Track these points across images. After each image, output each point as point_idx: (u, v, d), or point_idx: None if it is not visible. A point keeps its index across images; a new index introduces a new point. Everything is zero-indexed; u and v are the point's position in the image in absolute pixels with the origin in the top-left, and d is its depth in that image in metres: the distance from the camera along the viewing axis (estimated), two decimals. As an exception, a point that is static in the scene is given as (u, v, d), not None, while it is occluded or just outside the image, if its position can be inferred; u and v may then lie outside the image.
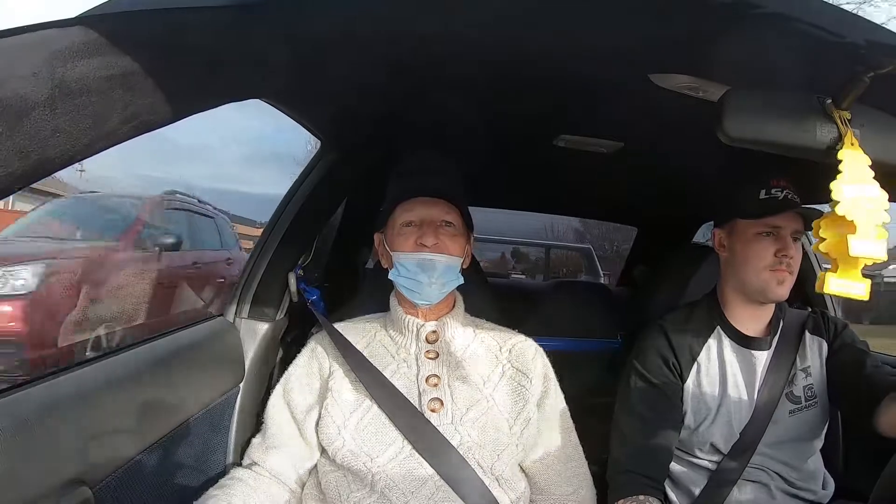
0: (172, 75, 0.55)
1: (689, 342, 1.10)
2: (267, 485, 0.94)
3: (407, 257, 0.94)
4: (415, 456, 0.89)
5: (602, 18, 0.66)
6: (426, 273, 0.94)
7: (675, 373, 1.09)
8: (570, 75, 0.89)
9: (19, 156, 0.42)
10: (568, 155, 1.30)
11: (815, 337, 1.12)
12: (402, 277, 0.95)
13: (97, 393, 0.72)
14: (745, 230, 1.05)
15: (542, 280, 5.59)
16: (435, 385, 0.94)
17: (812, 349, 1.11)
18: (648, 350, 1.11)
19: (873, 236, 0.57)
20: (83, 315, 3.55)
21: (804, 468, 1.07)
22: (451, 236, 0.97)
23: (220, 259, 5.47)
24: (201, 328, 1.09)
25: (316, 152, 1.25)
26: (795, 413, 1.07)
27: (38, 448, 0.60)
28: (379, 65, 0.88)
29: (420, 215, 0.96)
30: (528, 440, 0.96)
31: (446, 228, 0.97)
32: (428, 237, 0.93)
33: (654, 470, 1.02)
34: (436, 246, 0.94)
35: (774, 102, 0.64)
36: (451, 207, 0.97)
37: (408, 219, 0.96)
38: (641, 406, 1.07)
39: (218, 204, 6.12)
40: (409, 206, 0.96)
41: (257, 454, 0.97)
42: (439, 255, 0.94)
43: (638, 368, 1.10)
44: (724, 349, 1.09)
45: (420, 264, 0.94)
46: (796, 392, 1.07)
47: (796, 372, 1.08)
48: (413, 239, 0.95)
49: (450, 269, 0.96)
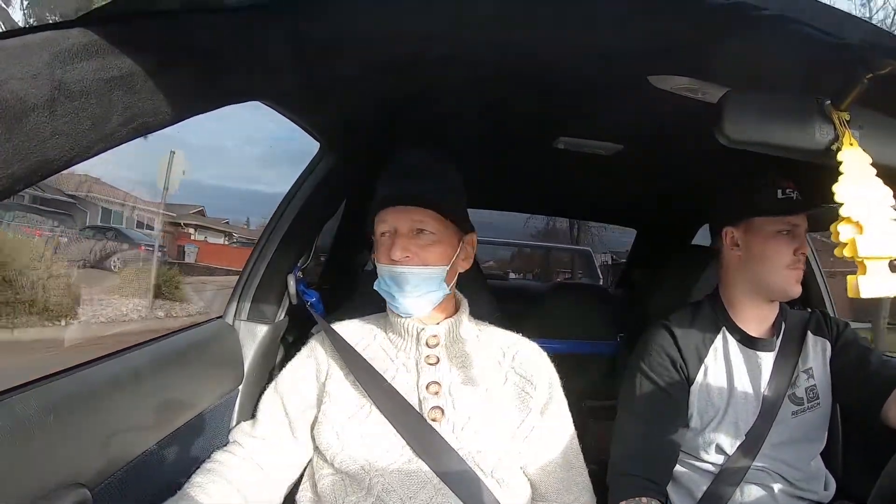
0: (172, 77, 0.55)
1: (695, 343, 1.10)
2: (248, 469, 0.93)
3: (382, 269, 0.93)
4: (415, 460, 0.88)
5: (601, 20, 0.66)
6: (399, 286, 0.91)
7: (682, 374, 1.08)
8: (570, 77, 0.90)
9: (19, 157, 0.42)
10: (567, 157, 1.30)
11: (818, 337, 1.12)
12: (382, 290, 0.94)
13: (96, 394, 0.72)
14: (764, 228, 1.06)
15: (541, 281, 5.60)
16: (436, 393, 0.92)
17: (815, 350, 1.11)
18: (654, 350, 1.10)
19: (881, 234, 0.56)
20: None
21: (807, 469, 1.07)
22: (426, 245, 0.92)
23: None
24: (200, 330, 1.08)
25: (315, 154, 1.25)
26: (798, 414, 1.07)
27: (36, 449, 0.60)
28: (378, 66, 0.88)
29: (391, 225, 0.93)
30: (531, 447, 0.95)
31: (421, 237, 0.92)
32: (395, 250, 0.90)
33: (657, 473, 1.01)
34: (406, 258, 0.90)
35: (773, 104, 0.64)
36: (427, 213, 0.92)
37: (381, 229, 0.94)
38: (645, 408, 1.06)
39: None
40: (382, 216, 0.94)
41: (243, 438, 0.97)
42: (410, 267, 0.91)
43: (643, 369, 1.09)
44: (730, 350, 1.09)
45: (393, 277, 0.92)
46: (798, 393, 1.07)
47: (798, 373, 1.08)
48: (386, 251, 0.92)
49: (428, 280, 0.92)
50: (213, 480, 0.88)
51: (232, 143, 40.14)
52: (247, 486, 0.91)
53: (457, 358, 0.96)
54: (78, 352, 4.68)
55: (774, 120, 0.63)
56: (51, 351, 4.86)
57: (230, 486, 0.89)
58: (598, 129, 1.17)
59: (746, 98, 0.64)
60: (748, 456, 1.03)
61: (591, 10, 0.64)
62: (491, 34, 0.72)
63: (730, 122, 0.63)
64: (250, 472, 0.93)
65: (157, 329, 3.62)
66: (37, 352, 4.78)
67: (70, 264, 6.10)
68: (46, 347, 4.89)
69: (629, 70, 0.81)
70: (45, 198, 13.81)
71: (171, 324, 5.99)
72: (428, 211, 0.92)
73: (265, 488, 0.93)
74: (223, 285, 9.03)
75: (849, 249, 0.57)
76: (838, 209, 0.58)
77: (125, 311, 6.39)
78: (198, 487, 0.86)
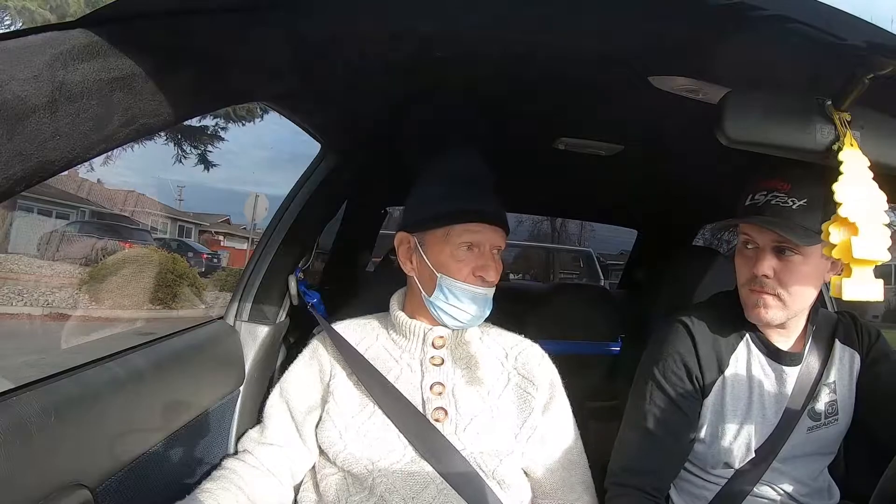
0: (172, 78, 0.55)
1: (716, 352, 0.97)
2: (260, 477, 0.93)
3: (461, 287, 0.91)
4: (418, 460, 0.88)
5: (601, 20, 0.66)
6: (477, 306, 0.92)
7: (697, 385, 0.96)
8: (570, 77, 0.89)
9: (20, 158, 0.42)
10: (567, 157, 1.30)
11: (846, 348, 1.00)
12: (447, 304, 0.92)
13: (97, 395, 0.72)
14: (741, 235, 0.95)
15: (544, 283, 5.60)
16: (439, 394, 0.93)
17: (842, 362, 1.00)
18: (670, 357, 0.97)
19: (874, 238, 0.57)
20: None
21: (814, 485, 1.00)
22: (499, 264, 0.94)
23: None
24: (201, 331, 1.08)
25: (316, 155, 1.25)
26: (814, 430, 0.97)
27: (37, 450, 0.60)
28: (379, 67, 0.88)
29: (482, 240, 0.92)
30: (533, 447, 0.95)
31: (496, 256, 0.94)
32: (490, 271, 0.90)
33: (658, 487, 0.95)
34: (494, 280, 0.92)
35: (774, 104, 0.64)
36: (504, 233, 0.95)
37: (469, 240, 0.91)
38: (653, 421, 0.96)
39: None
40: (474, 228, 0.91)
41: (252, 446, 0.97)
42: (492, 288, 0.92)
43: (656, 376, 0.97)
44: (752, 363, 0.97)
45: (474, 297, 0.91)
46: (818, 408, 0.97)
47: (821, 387, 0.97)
48: (471, 267, 0.91)
49: (491, 299, 0.95)
50: (224, 487, 0.88)
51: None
52: (258, 494, 0.91)
53: (461, 359, 0.96)
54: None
55: (775, 120, 0.63)
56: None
57: (241, 492, 0.89)
58: (598, 129, 1.17)
59: (747, 98, 0.64)
60: (755, 470, 0.95)
61: (591, 10, 0.64)
62: (491, 34, 0.72)
63: (730, 122, 0.63)
64: (262, 480, 0.93)
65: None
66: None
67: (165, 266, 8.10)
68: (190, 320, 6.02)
69: (629, 70, 0.80)
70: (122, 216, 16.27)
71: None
72: (504, 231, 0.95)
73: (276, 495, 0.93)
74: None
75: (839, 250, 0.57)
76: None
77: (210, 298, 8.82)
78: (207, 493, 0.86)
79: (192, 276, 8.36)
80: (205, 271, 11.95)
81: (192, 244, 16.61)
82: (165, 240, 16.41)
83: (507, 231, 0.95)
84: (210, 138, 12.88)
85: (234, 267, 16.86)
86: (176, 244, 14.98)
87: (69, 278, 8.55)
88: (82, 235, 11.98)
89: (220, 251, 17.83)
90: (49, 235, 11.71)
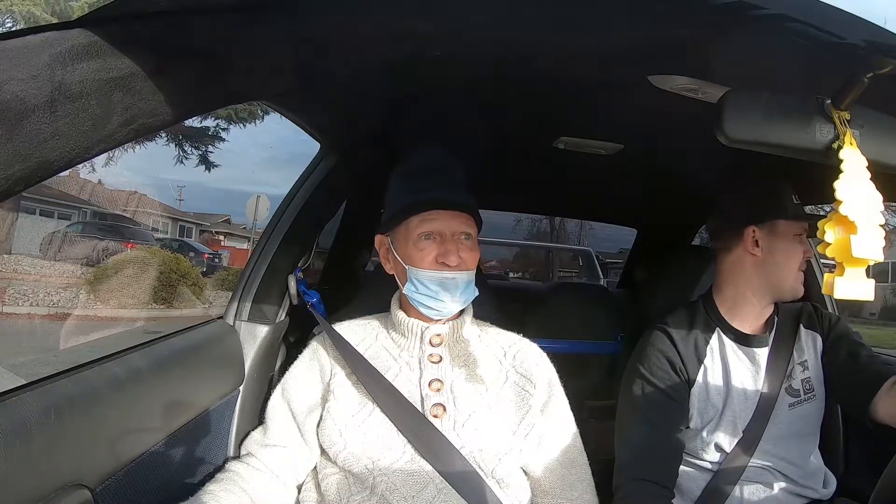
0: (172, 78, 0.55)
1: (694, 344, 1.11)
2: (263, 479, 0.93)
3: (427, 275, 0.91)
4: (417, 459, 0.88)
5: (602, 20, 0.66)
6: (448, 292, 0.91)
7: (682, 376, 1.09)
8: (570, 77, 0.89)
9: (19, 158, 0.42)
10: (568, 157, 1.30)
11: (809, 331, 1.14)
12: (419, 294, 0.92)
13: (97, 395, 0.72)
14: (788, 231, 1.07)
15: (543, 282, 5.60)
16: (438, 390, 0.93)
17: (808, 343, 1.13)
18: (653, 354, 1.11)
19: (872, 237, 0.57)
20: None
21: (806, 466, 1.08)
22: (470, 249, 0.93)
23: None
24: (201, 331, 1.08)
25: (315, 154, 1.25)
26: (795, 406, 1.08)
27: (37, 450, 0.60)
28: (378, 66, 0.88)
29: (440, 228, 0.91)
30: (532, 445, 0.95)
31: (465, 241, 0.93)
32: (451, 256, 0.89)
33: (665, 477, 1.02)
34: (458, 265, 0.91)
35: (774, 103, 0.63)
36: (469, 218, 0.94)
37: (426, 229, 0.91)
38: (650, 412, 1.07)
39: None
40: (428, 218, 0.91)
41: (255, 448, 0.97)
42: (461, 272, 0.91)
43: (643, 373, 1.09)
44: (726, 349, 1.11)
45: (441, 283, 0.91)
46: (795, 385, 1.09)
47: (794, 365, 1.10)
48: (433, 255, 0.91)
49: (469, 284, 0.93)
50: (227, 489, 0.88)
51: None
52: (261, 496, 0.91)
53: (459, 357, 0.97)
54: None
55: (775, 119, 0.63)
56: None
57: (244, 494, 0.89)
58: (598, 128, 1.17)
59: (746, 97, 0.64)
60: (746, 453, 1.05)
61: (591, 10, 0.64)
62: (491, 34, 0.72)
63: (730, 121, 0.63)
64: (265, 482, 0.93)
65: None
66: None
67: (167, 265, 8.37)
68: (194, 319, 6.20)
69: (629, 70, 0.81)
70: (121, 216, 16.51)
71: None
72: (470, 216, 0.94)
73: (279, 496, 0.94)
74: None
75: (834, 249, 0.58)
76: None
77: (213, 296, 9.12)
78: (210, 494, 0.86)
79: (195, 276, 8.61)
80: (207, 271, 12.13)
81: (194, 244, 16.86)
82: (166, 240, 16.64)
83: (475, 215, 0.95)
84: (210, 138, 12.92)
85: (236, 266, 17.36)
86: (177, 244, 15.15)
87: (77, 279, 8.91)
88: (85, 236, 12.20)
89: (220, 251, 18.03)
90: (52, 236, 11.91)
